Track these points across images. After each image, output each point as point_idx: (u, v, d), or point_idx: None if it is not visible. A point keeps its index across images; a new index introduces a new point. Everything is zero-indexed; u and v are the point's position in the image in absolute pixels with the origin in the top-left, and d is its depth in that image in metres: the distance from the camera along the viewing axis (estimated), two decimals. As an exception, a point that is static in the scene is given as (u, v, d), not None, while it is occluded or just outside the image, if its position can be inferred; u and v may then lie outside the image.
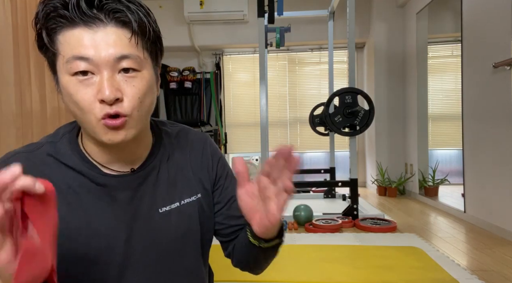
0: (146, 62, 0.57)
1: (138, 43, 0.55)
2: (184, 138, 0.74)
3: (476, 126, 2.73)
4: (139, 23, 0.54)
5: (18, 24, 2.31)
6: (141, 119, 0.58)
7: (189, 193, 0.69)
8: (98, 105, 0.54)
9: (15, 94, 2.22)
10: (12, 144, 2.12)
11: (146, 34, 0.56)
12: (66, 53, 0.53)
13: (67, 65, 0.53)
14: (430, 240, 2.36)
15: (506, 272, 1.80)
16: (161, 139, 0.70)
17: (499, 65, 2.38)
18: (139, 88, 0.56)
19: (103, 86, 0.52)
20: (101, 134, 0.56)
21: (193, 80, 4.59)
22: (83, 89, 0.54)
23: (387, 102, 4.21)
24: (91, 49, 0.52)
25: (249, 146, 4.83)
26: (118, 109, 0.54)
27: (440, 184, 3.70)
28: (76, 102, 0.54)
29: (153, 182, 0.66)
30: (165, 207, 0.66)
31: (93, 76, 0.54)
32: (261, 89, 3.05)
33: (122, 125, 0.55)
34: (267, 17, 3.19)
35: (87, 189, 0.61)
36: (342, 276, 1.77)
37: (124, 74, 0.55)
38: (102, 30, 0.53)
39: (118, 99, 0.54)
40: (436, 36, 4.09)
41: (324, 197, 3.87)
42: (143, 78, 0.56)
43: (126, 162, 0.64)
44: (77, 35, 0.52)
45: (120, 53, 0.53)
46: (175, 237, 0.66)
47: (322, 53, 4.74)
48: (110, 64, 0.53)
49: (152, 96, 0.60)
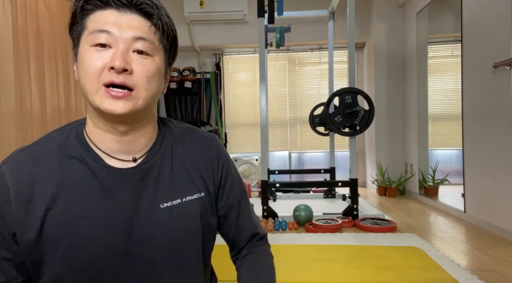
0: (159, 51, 0.63)
1: (155, 33, 0.62)
2: (190, 137, 0.74)
3: (476, 126, 2.73)
4: (160, 18, 0.62)
5: (18, 24, 2.31)
6: (146, 99, 0.62)
7: (191, 191, 0.70)
8: (106, 72, 0.58)
9: (15, 94, 2.22)
10: (12, 144, 2.12)
11: (165, 30, 0.63)
12: (93, 27, 0.59)
13: (90, 37, 0.59)
14: (430, 240, 2.36)
15: (506, 272, 1.80)
16: (165, 135, 0.72)
17: (499, 65, 2.38)
18: (148, 69, 0.61)
19: (116, 56, 0.58)
20: (101, 102, 0.59)
21: (193, 80, 4.59)
22: (98, 57, 0.59)
23: (387, 102, 4.21)
24: (115, 26, 0.59)
25: (249, 146, 4.83)
26: (125, 80, 0.59)
27: (440, 184, 3.70)
28: (87, 67, 0.59)
29: (155, 177, 0.67)
30: (166, 203, 0.66)
31: (110, 49, 0.59)
32: (261, 89, 3.05)
33: (124, 97, 0.59)
34: (267, 17, 3.19)
35: (90, 181, 0.63)
36: (342, 276, 1.77)
37: (137, 54, 0.60)
38: (128, 15, 0.60)
39: (127, 71, 0.59)
40: (436, 36, 4.09)
41: (324, 197, 3.87)
42: (153, 62, 0.62)
43: (129, 152, 0.66)
44: (105, 15, 0.59)
45: (137, 34, 0.60)
46: (175, 234, 0.66)
47: (322, 53, 4.75)
48: (127, 41, 0.59)
49: (158, 82, 0.64)
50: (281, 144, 4.84)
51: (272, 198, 3.74)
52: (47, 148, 0.64)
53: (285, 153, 4.84)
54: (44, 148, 0.64)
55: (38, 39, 2.52)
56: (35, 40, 2.48)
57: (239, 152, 4.78)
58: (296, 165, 4.85)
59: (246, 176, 4.48)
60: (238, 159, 4.49)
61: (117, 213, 0.63)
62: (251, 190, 4.24)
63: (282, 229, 2.66)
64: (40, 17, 2.55)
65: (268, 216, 2.84)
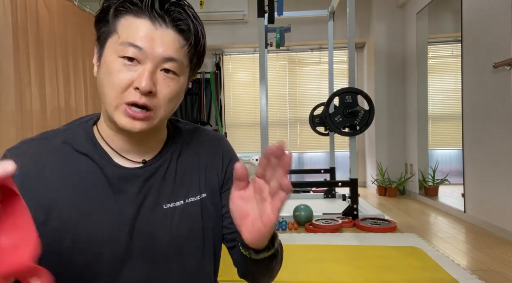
0: (186, 70, 0.62)
1: (188, 52, 0.60)
2: (197, 137, 0.75)
3: (476, 126, 2.73)
4: (195, 35, 0.60)
5: (18, 24, 2.31)
6: (162, 117, 0.62)
7: (194, 193, 0.69)
8: (131, 91, 0.57)
9: (15, 94, 2.22)
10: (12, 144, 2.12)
11: (198, 47, 0.62)
12: (123, 36, 0.57)
13: (119, 47, 0.57)
14: (430, 240, 2.36)
15: (506, 272, 1.80)
16: (174, 136, 0.72)
17: (499, 65, 2.38)
18: (172, 90, 0.60)
19: (143, 76, 0.56)
20: (119, 118, 0.59)
21: (193, 80, 4.59)
22: (125, 72, 0.57)
23: (387, 102, 4.21)
24: (147, 41, 0.56)
25: (249, 146, 4.83)
26: (147, 102, 0.58)
27: (440, 184, 3.70)
28: (113, 81, 0.57)
29: (161, 178, 0.67)
30: (169, 204, 0.66)
31: (138, 64, 0.57)
32: (261, 89, 3.05)
33: (142, 119, 0.59)
34: (267, 17, 3.19)
35: (96, 178, 0.62)
36: (342, 276, 1.77)
37: (164, 74, 0.59)
38: (162, 29, 0.57)
39: (151, 93, 0.58)
40: (436, 36, 4.09)
41: (324, 197, 3.87)
42: (178, 83, 0.61)
43: (139, 153, 0.66)
44: (139, 25, 0.57)
45: (169, 55, 0.58)
46: (176, 235, 0.66)
47: (322, 53, 4.75)
48: (157, 60, 0.57)
49: (178, 100, 0.64)
50: (281, 144, 4.83)
51: (272, 198, 3.74)
52: (54, 142, 0.64)
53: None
54: (51, 142, 0.64)
55: (38, 39, 2.52)
56: (35, 40, 2.48)
57: (239, 152, 4.78)
58: (296, 165, 4.85)
59: (246, 176, 4.48)
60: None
61: (122, 211, 0.63)
62: (251, 190, 4.24)
63: (282, 229, 2.66)
64: (40, 17, 2.55)
65: (268, 216, 2.83)
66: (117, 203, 0.63)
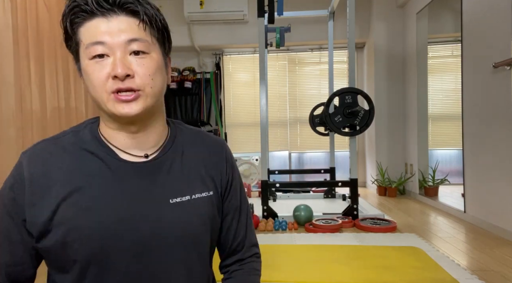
0: (155, 47, 0.65)
1: (146, 29, 0.63)
2: (201, 139, 0.78)
3: (476, 126, 2.73)
4: (146, 13, 0.63)
5: (18, 24, 2.31)
6: (154, 95, 0.65)
7: (201, 189, 0.72)
8: (111, 81, 0.62)
9: (15, 94, 2.22)
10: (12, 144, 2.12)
11: (153, 22, 0.64)
12: (86, 40, 0.62)
13: (87, 50, 0.62)
14: (430, 240, 2.36)
15: (506, 272, 1.80)
16: (176, 134, 0.75)
17: (499, 65, 2.38)
18: (148, 67, 0.63)
19: (116, 64, 0.61)
20: (113, 107, 0.63)
21: (193, 80, 4.59)
22: (99, 69, 0.62)
23: (387, 102, 4.21)
24: (106, 35, 0.61)
25: (249, 146, 4.83)
26: (130, 85, 0.62)
27: (440, 184, 3.70)
28: (92, 80, 0.62)
29: (166, 172, 0.69)
30: (176, 198, 0.68)
31: (108, 58, 0.62)
32: (261, 89, 3.05)
33: (134, 99, 0.63)
34: (267, 17, 3.18)
35: (104, 173, 0.66)
36: (342, 276, 1.77)
37: (135, 56, 0.63)
38: (115, 18, 0.61)
39: (129, 76, 0.62)
40: (436, 36, 4.09)
41: (324, 197, 3.87)
42: (152, 59, 0.64)
43: (141, 148, 0.69)
44: (95, 25, 0.61)
45: (130, 37, 0.62)
46: (182, 229, 0.67)
47: (322, 53, 4.75)
48: (122, 46, 0.61)
49: (162, 76, 0.67)
50: (281, 144, 4.84)
51: (272, 198, 3.74)
52: (64, 142, 0.68)
53: (285, 153, 4.84)
54: (61, 142, 0.68)
55: (38, 39, 2.52)
56: (35, 40, 2.48)
57: (239, 152, 4.78)
58: (296, 165, 4.85)
59: (246, 176, 4.48)
60: (238, 159, 4.49)
61: (129, 205, 0.65)
62: (251, 190, 4.24)
63: (282, 229, 2.66)
64: (40, 17, 2.55)
65: (268, 216, 2.84)
66: (124, 197, 0.65)
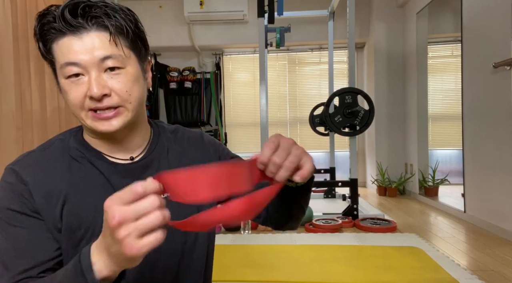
0: (129, 59, 0.64)
1: (117, 44, 0.61)
2: (181, 135, 0.79)
3: (476, 126, 2.73)
4: (116, 25, 0.61)
5: (18, 24, 2.31)
6: (134, 108, 0.65)
7: None
8: (87, 101, 0.61)
9: (15, 94, 2.22)
10: (12, 143, 2.12)
11: (125, 34, 0.62)
12: (60, 60, 0.61)
13: (61, 70, 0.61)
14: (430, 240, 2.36)
15: (506, 272, 1.80)
16: (159, 133, 0.76)
17: (499, 65, 2.38)
18: (124, 83, 0.62)
19: (91, 85, 0.60)
20: (92, 124, 0.63)
21: (193, 80, 4.59)
22: (75, 88, 0.61)
23: (387, 102, 4.21)
24: (79, 54, 0.60)
25: (249, 146, 4.83)
26: (108, 103, 0.61)
27: (440, 184, 3.70)
28: (70, 99, 0.62)
29: (155, 171, 0.70)
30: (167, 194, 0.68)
31: (83, 76, 0.61)
32: (261, 89, 3.05)
33: (114, 116, 0.62)
34: (267, 17, 3.18)
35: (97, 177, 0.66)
36: (342, 276, 1.77)
37: (110, 72, 0.61)
38: (86, 35, 0.60)
39: (106, 95, 0.61)
40: (436, 36, 4.09)
41: (324, 197, 3.87)
42: (127, 74, 0.63)
43: (126, 151, 0.70)
44: (67, 44, 0.60)
45: (103, 55, 0.60)
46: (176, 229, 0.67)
47: (322, 53, 4.74)
48: (96, 65, 0.60)
49: (140, 88, 0.66)
50: (281, 144, 4.83)
51: (272, 198, 3.74)
52: (53, 152, 0.68)
53: (285, 153, 4.83)
54: (50, 152, 0.68)
55: (38, 39, 2.52)
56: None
57: (239, 152, 4.74)
58: (296, 165, 4.84)
59: (246, 176, 4.48)
60: (238, 159, 4.49)
61: None
62: (251, 190, 4.23)
63: (282, 229, 2.66)
64: (40, 17, 2.55)
65: (268, 216, 2.84)
66: None
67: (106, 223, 0.43)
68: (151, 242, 0.42)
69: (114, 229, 0.42)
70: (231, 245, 2.29)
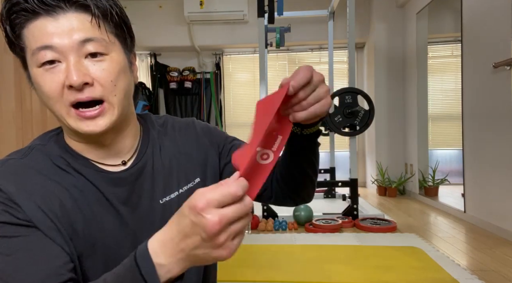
0: (114, 46, 0.56)
1: (100, 26, 0.54)
2: (171, 127, 0.73)
3: (476, 126, 2.73)
4: (99, 6, 0.54)
5: (18, 24, 2.31)
6: (120, 103, 0.57)
7: (186, 180, 0.69)
8: (66, 92, 0.53)
9: (15, 94, 2.22)
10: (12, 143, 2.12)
11: (108, 16, 0.55)
12: (32, 45, 0.52)
13: (34, 57, 0.53)
14: (430, 240, 2.36)
15: (506, 272, 1.80)
16: (148, 130, 0.70)
17: (499, 65, 2.38)
18: (109, 71, 0.54)
19: (69, 71, 0.51)
20: (75, 124, 0.55)
21: (193, 80, 4.59)
22: (50, 77, 0.53)
23: (387, 102, 4.21)
24: (55, 37, 0.51)
25: (249, 146, 4.82)
26: (90, 94, 0.53)
27: (440, 184, 3.69)
28: (45, 92, 0.53)
29: (149, 175, 0.66)
30: (165, 198, 0.66)
31: (59, 64, 0.53)
32: (261, 89, 3.05)
33: (99, 114, 0.55)
34: (267, 17, 3.18)
35: (87, 189, 0.60)
36: (342, 276, 1.77)
37: (91, 59, 0.54)
38: (63, 16, 0.52)
39: (88, 84, 0.53)
40: (436, 36, 4.09)
41: (324, 197, 3.87)
42: (112, 61, 0.55)
43: (117, 155, 0.64)
44: (39, 26, 0.52)
45: (83, 37, 0.52)
46: None
47: (322, 53, 4.74)
48: (75, 49, 0.52)
49: (126, 80, 0.58)
50: (281, 144, 4.83)
51: (272, 198, 3.74)
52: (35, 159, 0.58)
53: (285, 153, 4.83)
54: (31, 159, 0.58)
55: (38, 39, 2.52)
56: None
57: (239, 152, 4.77)
58: (296, 165, 4.84)
59: (246, 176, 4.48)
60: (238, 159, 4.49)
61: (120, 216, 0.62)
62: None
63: (282, 229, 2.66)
64: (40, 17, 2.55)
65: (268, 216, 2.84)
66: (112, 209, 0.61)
67: (203, 228, 0.40)
68: (241, 241, 0.42)
69: (215, 234, 0.40)
70: (231, 245, 2.29)
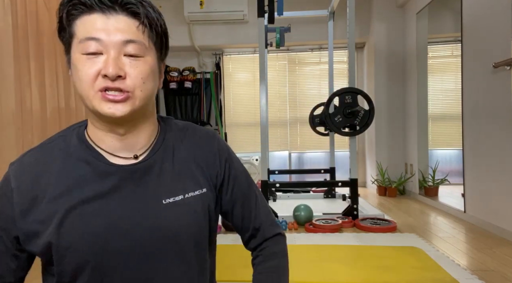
0: (151, 51, 0.63)
1: (144, 32, 0.62)
2: (192, 134, 0.75)
3: (476, 126, 2.73)
4: (148, 16, 0.62)
5: (18, 24, 2.31)
6: (144, 99, 0.63)
7: (193, 187, 0.70)
8: (100, 79, 0.59)
9: (15, 94, 2.22)
10: (12, 143, 2.12)
11: (153, 27, 0.63)
12: (81, 34, 0.60)
13: (80, 45, 0.60)
14: (430, 240, 2.36)
15: (506, 272, 1.80)
16: (166, 132, 0.73)
17: (499, 65, 2.38)
18: (141, 70, 0.62)
19: (108, 63, 0.59)
20: (99, 105, 0.61)
21: (193, 80, 4.59)
22: (90, 65, 0.59)
23: (387, 102, 4.21)
24: (103, 32, 0.59)
25: (249, 146, 4.83)
26: (120, 86, 0.60)
27: (440, 184, 3.70)
28: (81, 76, 0.60)
29: (157, 173, 0.68)
30: (169, 199, 0.67)
31: (101, 56, 0.60)
32: (261, 89, 3.05)
33: (122, 100, 0.61)
34: (267, 17, 3.18)
35: (94, 179, 0.64)
36: (342, 276, 1.77)
37: (129, 58, 0.61)
38: (114, 17, 0.59)
39: (121, 77, 0.60)
40: (436, 36, 4.09)
41: (324, 197, 3.87)
42: (146, 63, 0.62)
43: (131, 149, 0.68)
44: (92, 20, 0.59)
45: (127, 38, 0.60)
46: (178, 229, 0.66)
47: (322, 53, 4.74)
48: (117, 46, 0.59)
49: (154, 81, 0.65)
50: (281, 144, 4.84)
51: (272, 198, 3.74)
52: (51, 150, 0.67)
53: (285, 153, 4.84)
54: (48, 150, 0.67)
55: (38, 39, 2.52)
56: (35, 40, 2.48)
57: (239, 152, 4.78)
58: (296, 165, 4.85)
59: (246, 176, 4.48)
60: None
61: (121, 209, 0.64)
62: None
63: (282, 229, 2.66)
64: (40, 17, 2.55)
65: (268, 216, 2.84)
66: (116, 202, 0.64)
67: None
68: None
69: None
70: (231, 245, 2.29)
